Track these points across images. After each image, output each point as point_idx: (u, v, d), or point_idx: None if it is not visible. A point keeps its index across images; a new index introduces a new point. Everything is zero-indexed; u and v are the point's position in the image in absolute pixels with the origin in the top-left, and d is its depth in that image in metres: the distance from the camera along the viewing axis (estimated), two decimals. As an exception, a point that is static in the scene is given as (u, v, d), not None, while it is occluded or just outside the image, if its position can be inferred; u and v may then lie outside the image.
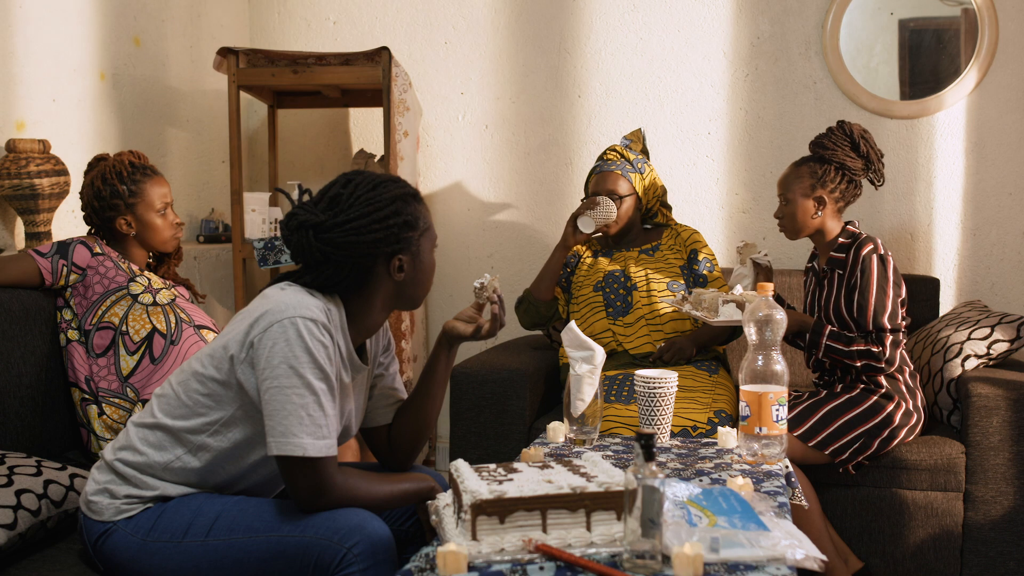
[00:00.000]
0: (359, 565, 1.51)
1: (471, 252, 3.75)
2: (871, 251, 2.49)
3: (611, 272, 2.87)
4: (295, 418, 1.53)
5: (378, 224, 1.63)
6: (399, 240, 1.65)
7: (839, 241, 2.58)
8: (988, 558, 2.53)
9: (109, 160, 2.40)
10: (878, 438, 2.48)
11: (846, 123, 2.60)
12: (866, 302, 2.46)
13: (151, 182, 2.39)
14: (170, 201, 2.43)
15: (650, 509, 1.30)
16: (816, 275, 2.66)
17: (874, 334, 2.46)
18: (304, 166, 3.91)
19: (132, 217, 2.37)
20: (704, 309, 2.50)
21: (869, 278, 2.47)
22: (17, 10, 2.69)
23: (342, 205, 1.63)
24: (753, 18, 3.46)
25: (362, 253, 1.63)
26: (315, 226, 1.61)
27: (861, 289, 2.47)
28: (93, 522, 1.67)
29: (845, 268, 2.54)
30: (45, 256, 2.28)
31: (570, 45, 3.63)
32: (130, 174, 2.37)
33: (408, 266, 1.68)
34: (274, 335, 1.54)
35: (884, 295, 2.46)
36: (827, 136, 2.61)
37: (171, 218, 2.43)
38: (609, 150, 2.92)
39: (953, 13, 3.31)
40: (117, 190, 2.35)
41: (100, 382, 2.28)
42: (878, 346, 2.45)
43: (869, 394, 2.52)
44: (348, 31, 3.82)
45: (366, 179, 1.67)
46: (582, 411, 2.01)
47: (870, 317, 2.45)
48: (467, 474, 1.46)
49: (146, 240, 2.41)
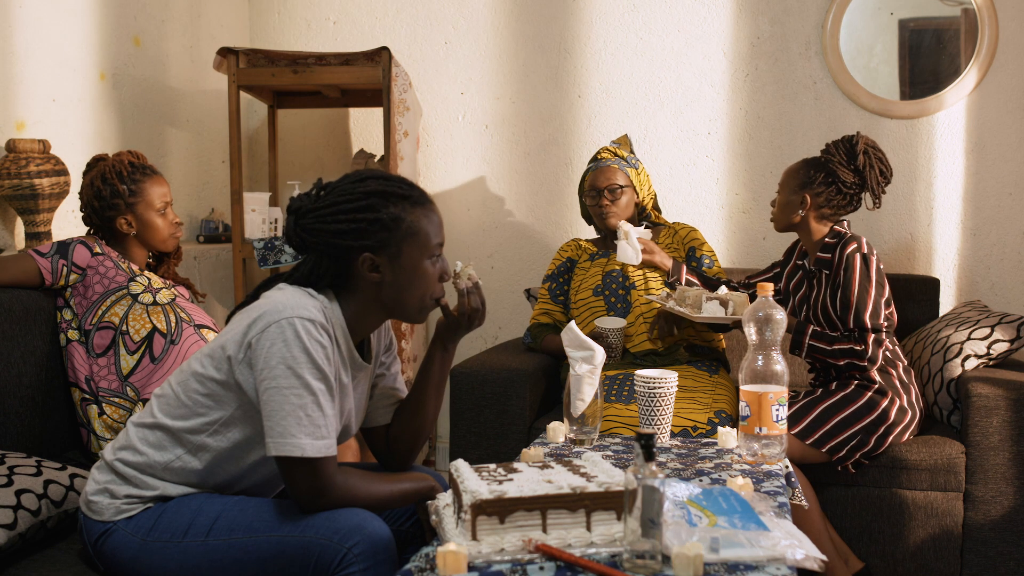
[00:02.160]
0: (359, 565, 1.51)
1: (471, 252, 3.75)
2: (854, 250, 2.51)
3: (609, 272, 2.87)
4: (293, 419, 1.53)
5: (344, 215, 1.62)
6: (367, 236, 1.62)
7: (825, 241, 2.60)
8: (988, 558, 2.53)
9: (108, 160, 2.40)
10: (874, 434, 2.49)
11: (858, 136, 2.61)
12: (848, 300, 2.48)
13: (151, 181, 2.40)
14: (169, 201, 2.43)
15: (650, 509, 1.30)
16: (806, 273, 2.68)
17: (856, 332, 2.47)
18: (304, 166, 3.91)
19: (132, 216, 2.38)
20: (687, 306, 2.55)
21: (852, 276, 2.49)
22: (17, 10, 2.69)
23: (324, 193, 1.66)
24: (753, 18, 3.46)
25: (329, 243, 1.63)
26: (296, 211, 1.66)
27: (844, 287, 2.49)
28: (93, 522, 1.67)
29: (831, 268, 2.56)
30: (45, 256, 2.28)
31: (570, 45, 3.63)
32: (130, 173, 2.37)
33: (385, 268, 1.64)
34: (272, 336, 1.54)
35: (866, 293, 2.48)
36: (835, 142, 2.63)
37: (171, 217, 2.44)
38: (602, 150, 2.94)
39: (953, 13, 3.31)
40: (117, 189, 2.35)
41: (100, 382, 2.28)
42: (860, 344, 2.46)
43: (863, 391, 2.53)
44: (348, 31, 3.82)
45: (359, 174, 1.69)
46: (582, 411, 2.01)
47: (851, 316, 2.47)
48: (467, 474, 1.46)
49: (146, 239, 2.41)
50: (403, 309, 1.70)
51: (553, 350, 2.90)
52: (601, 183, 2.86)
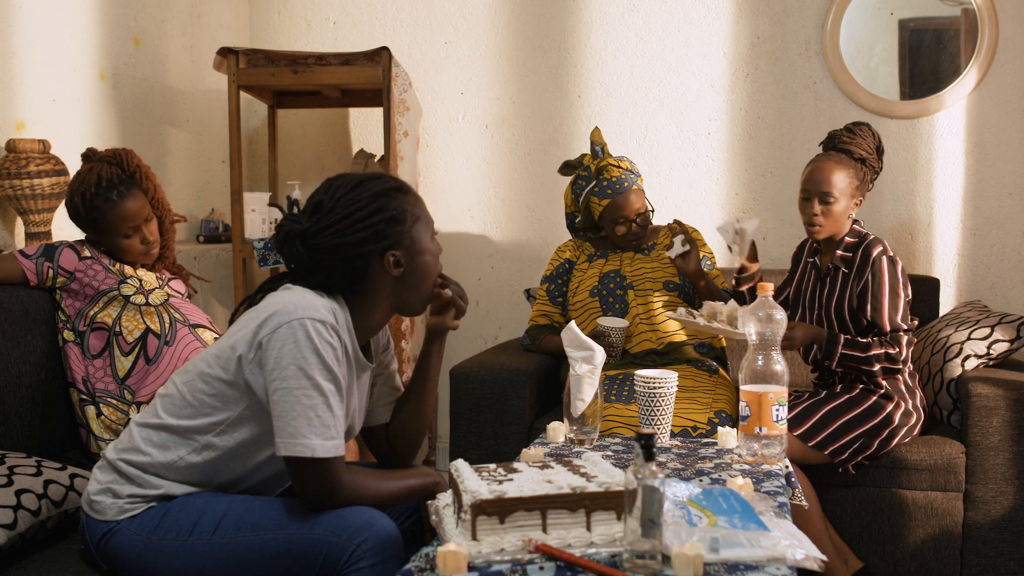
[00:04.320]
0: (368, 561, 1.52)
1: (471, 252, 3.75)
2: (881, 252, 2.49)
3: (607, 273, 2.87)
4: (304, 419, 1.53)
5: (361, 223, 1.62)
6: (387, 236, 1.64)
7: (846, 240, 2.57)
8: (988, 558, 2.53)
9: (83, 172, 2.31)
10: (878, 438, 2.48)
11: (870, 126, 2.57)
12: (880, 305, 2.46)
13: (117, 206, 2.27)
14: (140, 221, 2.31)
15: (650, 509, 1.30)
16: (818, 271, 2.66)
17: (889, 336, 2.46)
18: (304, 166, 3.91)
19: (97, 236, 2.33)
20: (722, 322, 2.47)
21: (881, 281, 2.47)
22: (17, 10, 2.69)
23: (324, 210, 1.64)
24: (753, 18, 3.46)
25: (351, 254, 1.63)
26: (300, 234, 1.63)
27: (874, 292, 2.47)
28: (96, 522, 1.66)
29: (851, 268, 2.53)
30: (30, 258, 2.27)
31: (570, 45, 3.63)
32: (94, 197, 2.26)
33: (405, 259, 1.67)
34: (283, 336, 1.54)
35: (897, 296, 2.46)
36: (860, 135, 2.55)
37: (142, 236, 2.33)
38: (610, 167, 2.78)
39: (953, 13, 3.31)
40: (78, 212, 2.29)
41: (97, 383, 2.28)
42: (894, 347, 2.44)
43: (868, 394, 2.52)
44: (348, 31, 3.82)
45: (347, 180, 1.67)
46: (582, 411, 2.01)
47: (886, 319, 2.45)
48: (467, 474, 1.46)
49: (116, 256, 2.36)
50: (416, 298, 1.72)
51: (552, 351, 2.90)
52: (631, 213, 2.77)
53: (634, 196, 2.77)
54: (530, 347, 2.97)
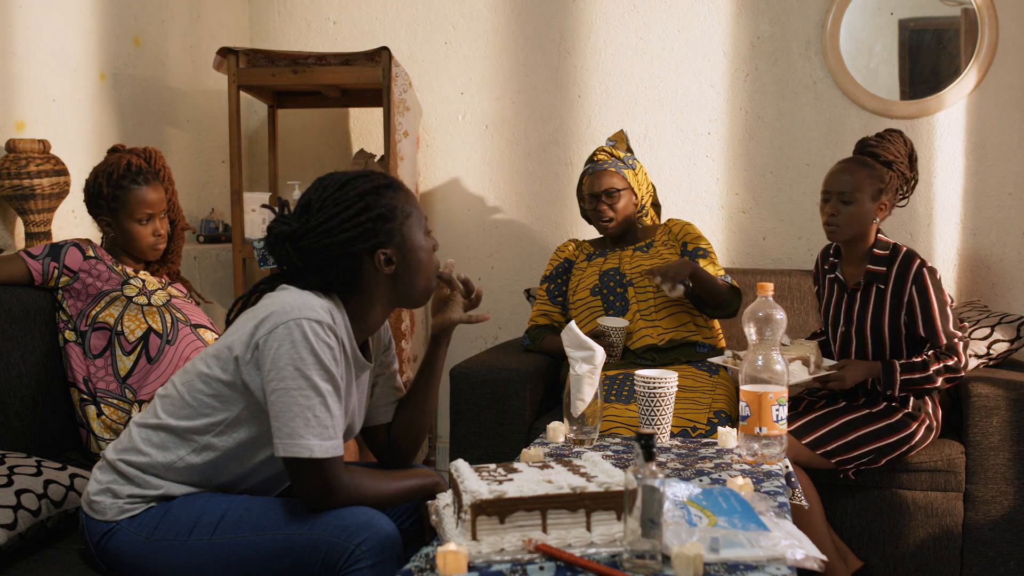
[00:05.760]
0: (367, 561, 1.52)
1: (471, 252, 3.75)
2: (921, 265, 2.45)
3: (606, 271, 2.87)
4: (301, 420, 1.53)
5: (348, 223, 1.62)
6: (376, 234, 1.64)
7: (875, 252, 2.51)
8: (988, 558, 2.53)
9: (113, 157, 2.38)
10: (889, 456, 2.46)
11: (902, 133, 2.54)
12: (933, 320, 2.42)
13: (139, 189, 2.32)
14: (157, 212, 2.36)
15: (650, 509, 1.30)
16: (842, 286, 2.58)
17: (945, 346, 2.42)
18: (304, 166, 3.91)
19: (111, 219, 2.35)
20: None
21: (929, 294, 2.42)
22: (17, 10, 2.69)
23: (312, 210, 1.64)
24: (753, 18, 3.46)
25: (340, 254, 1.62)
26: (289, 236, 1.63)
27: (924, 308, 2.42)
28: (96, 522, 1.67)
29: (887, 282, 2.48)
30: (36, 258, 2.27)
31: (570, 45, 3.63)
32: (120, 177, 2.32)
33: (396, 256, 1.66)
34: (279, 337, 1.54)
35: (946, 307, 2.43)
36: (888, 140, 2.52)
37: (154, 227, 2.37)
38: (598, 151, 2.92)
39: (953, 13, 3.31)
40: (102, 191, 2.32)
41: (98, 383, 2.28)
42: (953, 357, 2.40)
43: (894, 411, 2.48)
44: (348, 31, 3.82)
45: (335, 180, 1.67)
46: (582, 411, 2.01)
47: (941, 333, 2.42)
48: (467, 474, 1.46)
49: (124, 246, 2.37)
50: (412, 293, 1.72)
51: (552, 351, 2.90)
52: (598, 188, 2.85)
53: (608, 176, 2.84)
54: (530, 347, 2.98)
